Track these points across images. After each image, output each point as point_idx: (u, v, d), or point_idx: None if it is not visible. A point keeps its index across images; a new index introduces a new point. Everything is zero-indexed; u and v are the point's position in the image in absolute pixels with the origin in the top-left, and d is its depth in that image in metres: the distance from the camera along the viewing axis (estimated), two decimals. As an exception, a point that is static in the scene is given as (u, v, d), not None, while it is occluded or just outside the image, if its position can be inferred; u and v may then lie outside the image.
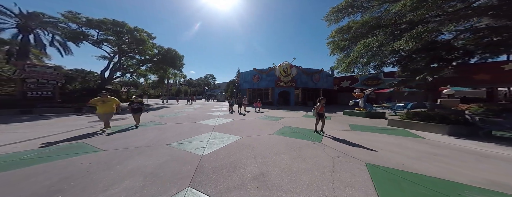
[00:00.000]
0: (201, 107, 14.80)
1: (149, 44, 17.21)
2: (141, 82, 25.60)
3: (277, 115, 9.10)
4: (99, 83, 15.16)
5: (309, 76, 16.91)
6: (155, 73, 21.53)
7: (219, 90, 51.53)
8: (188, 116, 8.51)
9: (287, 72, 15.71)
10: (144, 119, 7.13)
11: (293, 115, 9.20)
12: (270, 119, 7.29)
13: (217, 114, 9.55)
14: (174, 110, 12.15)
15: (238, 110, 10.77)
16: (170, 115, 8.64)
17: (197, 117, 7.95)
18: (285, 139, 3.95)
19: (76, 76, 16.76)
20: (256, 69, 18.32)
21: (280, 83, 16.30)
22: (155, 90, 47.52)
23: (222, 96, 32.11)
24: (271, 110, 11.99)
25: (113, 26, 14.59)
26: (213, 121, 6.78)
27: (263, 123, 6.43)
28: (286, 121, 6.78)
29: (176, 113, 9.66)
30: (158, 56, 17.70)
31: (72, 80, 14.76)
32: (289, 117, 8.00)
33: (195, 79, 71.91)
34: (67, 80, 13.96)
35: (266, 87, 17.67)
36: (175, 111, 10.93)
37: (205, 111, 11.02)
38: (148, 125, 5.79)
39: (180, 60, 20.91)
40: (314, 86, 17.43)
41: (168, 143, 3.55)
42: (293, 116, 8.47)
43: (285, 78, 15.98)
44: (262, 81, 17.76)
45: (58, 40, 13.69)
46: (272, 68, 16.83)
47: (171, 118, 7.73)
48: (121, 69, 17.76)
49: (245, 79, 20.42)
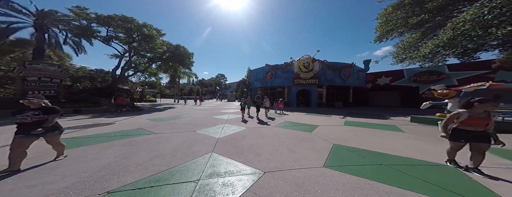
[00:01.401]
0: (209, 108, 13.47)
1: (159, 41, 16.56)
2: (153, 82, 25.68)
3: (304, 120, 7.03)
4: (111, 83, 14.94)
5: (337, 72, 14.04)
6: (165, 72, 21.13)
7: (229, 90, 50.86)
8: (189, 120, 7.03)
9: (309, 68, 13.35)
10: (131, 124, 5.80)
11: (327, 121, 6.94)
12: (298, 128, 5.30)
13: (225, 117, 7.92)
14: (180, 111, 10.95)
15: (256, 116, 7.81)
16: (169, 119, 7.28)
17: (199, 123, 6.39)
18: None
19: (96, 76, 17.08)
20: (269, 66, 16.35)
21: (299, 81, 14.02)
22: (170, 90, 48.99)
23: (233, 96, 30.93)
24: (291, 113, 9.92)
25: (122, 22, 14.13)
26: (218, 130, 5.09)
27: (290, 135, 4.38)
28: (327, 133, 4.65)
29: (177, 116, 8.32)
30: (166, 53, 16.99)
31: (92, 80, 14.88)
32: (325, 125, 5.87)
33: (207, 79, 72.93)
34: (90, 80, 14.08)
35: (281, 86, 15.56)
36: (179, 113, 9.66)
37: (212, 113, 9.52)
38: (121, 136, 4.21)
39: (189, 58, 20.05)
40: (342, 84, 14.37)
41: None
42: (329, 123, 6.27)
43: (306, 74, 13.62)
44: (276, 79, 15.70)
45: (72, 38, 13.68)
46: (288, 64, 14.64)
47: (167, 123, 6.29)
48: (132, 68, 17.53)
49: (256, 77, 18.62)
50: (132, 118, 7.52)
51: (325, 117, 8.26)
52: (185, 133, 4.60)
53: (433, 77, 11.14)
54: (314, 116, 8.66)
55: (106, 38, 13.69)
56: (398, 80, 14.33)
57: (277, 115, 9.09)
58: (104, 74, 18.73)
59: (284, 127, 5.50)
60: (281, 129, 5.24)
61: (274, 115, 9.11)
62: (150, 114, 9.11)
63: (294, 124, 6.19)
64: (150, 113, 9.31)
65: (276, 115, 9.12)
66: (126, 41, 15.55)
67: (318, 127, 5.51)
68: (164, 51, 16.91)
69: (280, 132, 4.80)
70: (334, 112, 10.89)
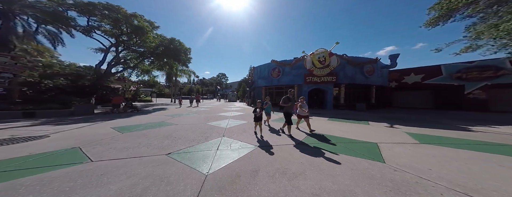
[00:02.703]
0: (206, 110, 11.43)
1: (151, 35, 14.59)
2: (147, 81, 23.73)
3: (337, 131, 4.88)
4: (95, 80, 13.01)
5: (358, 67, 11.70)
6: (159, 69, 19.20)
7: (230, 89, 48.90)
8: (172, 130, 4.98)
9: (324, 63, 11.21)
10: (72, 138, 3.63)
11: (374, 132, 4.73)
12: (354, 153, 3.20)
13: (224, 124, 5.85)
14: (168, 114, 8.92)
15: (288, 133, 4.32)
16: (144, 127, 5.22)
17: (184, 135, 4.31)
18: None
19: (85, 73, 15.20)
20: (276, 61, 14.27)
21: (311, 79, 11.90)
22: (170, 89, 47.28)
23: (234, 96, 28.93)
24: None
25: (108, 11, 12.21)
26: (209, 153, 3.00)
27: (362, 177, 2.35)
28: (425, 167, 2.61)
29: (160, 123, 6.28)
30: (160, 48, 15.01)
31: (80, 78, 12.99)
32: (386, 143, 3.70)
33: (208, 79, 71.18)
34: (76, 77, 12.20)
35: (290, 85, 13.45)
36: (165, 117, 7.62)
37: (208, 118, 7.46)
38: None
39: (186, 54, 18.08)
40: (364, 82, 11.99)
41: None
42: (385, 139, 4.00)
43: (321, 71, 11.47)
44: (284, 77, 13.61)
45: (47, 28, 11.76)
46: (299, 59, 12.51)
47: (135, 136, 4.21)
48: (120, 64, 15.59)
49: (260, 74, 16.54)
50: (91, 126, 5.47)
51: (360, 124, 6.11)
52: (147, 162, 2.53)
53: (487, 73, 8.95)
54: (342, 123, 6.51)
55: (87, 28, 11.75)
56: (433, 78, 11.97)
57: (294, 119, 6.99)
58: (94, 72, 16.83)
59: (330, 150, 3.37)
60: (323, 157, 3.13)
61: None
62: (128, 118, 7.09)
63: (334, 139, 4.08)
64: (128, 117, 7.30)
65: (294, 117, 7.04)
66: (113, 34, 13.61)
67: (381, 147, 3.38)
68: (156, 45, 14.92)
69: (330, 169, 2.69)
70: (361, 116, 8.75)
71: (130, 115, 8.07)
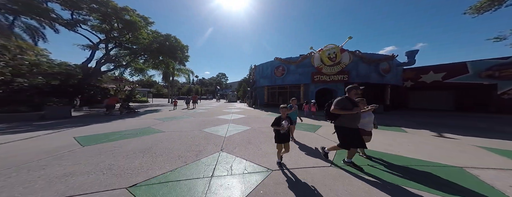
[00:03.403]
0: (203, 112, 10.30)
1: (144, 31, 13.47)
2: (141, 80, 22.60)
3: (379, 145, 3.84)
4: (81, 79, 11.85)
5: (373, 65, 10.52)
6: (155, 68, 18.07)
7: (230, 89, 47.81)
8: (155, 141, 3.87)
9: (335, 60, 10.10)
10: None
11: (431, 147, 3.74)
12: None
13: (222, 132, 4.71)
14: (160, 117, 7.79)
15: (347, 159, 2.48)
16: (123, 136, 4.09)
17: (166, 152, 3.19)
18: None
19: (76, 73, 14.01)
20: (280, 59, 13.17)
21: (320, 77, 10.79)
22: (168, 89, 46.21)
23: (234, 96, 27.80)
24: (318, 122, 6.70)
25: (96, 4, 11.09)
26: (200, 190, 1.89)
27: None
28: None
29: (145, 129, 5.16)
30: (154, 44, 13.87)
31: (70, 77, 11.82)
32: (493, 168, 2.66)
33: (208, 79, 70.11)
34: (66, 77, 11.04)
35: (296, 84, 12.33)
36: (155, 122, 6.48)
37: (204, 122, 6.32)
38: None
39: (183, 52, 16.96)
40: (379, 81, 10.77)
41: None
42: (470, 162, 3.10)
43: (330, 69, 10.39)
44: (289, 76, 12.50)
45: (25, 22, 10.63)
46: (306, 56, 11.40)
47: (101, 149, 3.07)
48: (111, 62, 14.44)
49: (262, 73, 15.44)
50: (51, 134, 4.34)
51: (395, 132, 4.98)
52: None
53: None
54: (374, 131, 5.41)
55: (70, 22, 10.59)
56: (457, 76, 10.76)
57: (308, 125, 5.88)
58: (81, 70, 15.57)
59: (412, 187, 2.25)
60: None
61: (305, 125, 5.92)
62: (108, 123, 5.95)
63: (389, 160, 2.97)
64: (108, 122, 6.16)
65: (307, 124, 5.92)
66: (102, 29, 12.48)
67: (482, 177, 2.24)
68: (150, 41, 13.78)
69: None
70: (383, 119, 7.63)
71: (116, 118, 6.94)
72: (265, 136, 4.26)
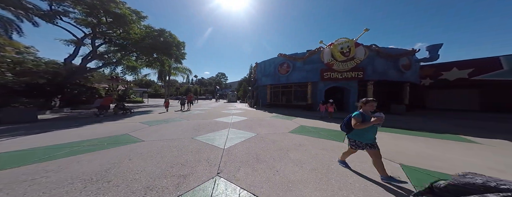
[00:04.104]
0: (200, 114, 9.15)
1: (135, 25, 12.31)
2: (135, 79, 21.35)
3: (468, 167, 2.72)
4: (65, 77, 10.64)
5: (391, 61, 9.35)
6: (149, 65, 16.89)
7: (230, 89, 46.71)
8: (106, 166, 2.72)
9: (348, 55, 8.95)
10: None
11: None
12: None
13: (220, 141, 3.55)
14: (149, 120, 6.64)
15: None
16: (82, 149, 2.96)
17: (110, 192, 2.05)
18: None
19: (65, 72, 12.76)
20: (284, 55, 12.06)
21: (330, 75, 9.62)
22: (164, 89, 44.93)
23: (234, 96, 26.66)
24: (334, 125, 5.57)
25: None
26: None
27: None
28: None
29: (108, 140, 4.02)
30: (146, 39, 12.69)
31: (57, 76, 10.59)
32: None
33: (207, 78, 68.97)
34: (53, 76, 9.84)
35: (302, 82, 11.21)
36: (133, 126, 5.34)
37: (199, 127, 5.17)
38: None
39: (179, 49, 15.79)
40: (398, 78, 9.63)
41: None
42: None
43: (343, 65, 9.19)
44: (294, 73, 11.38)
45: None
46: (314, 51, 10.26)
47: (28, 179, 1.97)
48: (99, 58, 13.24)
49: (264, 71, 14.32)
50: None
51: (451, 142, 3.88)
52: None
53: None
54: (412, 136, 4.27)
55: (48, 14, 9.39)
56: (488, 72, 9.62)
57: (331, 132, 4.78)
58: (72, 68, 14.31)
59: None
60: None
61: (327, 131, 4.83)
62: (79, 128, 4.79)
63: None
64: (81, 126, 4.99)
65: (328, 130, 4.80)
66: (88, 23, 11.30)
67: None
68: (142, 36, 12.62)
69: None
70: (412, 122, 6.55)
71: (94, 121, 5.78)
72: (277, 148, 3.13)
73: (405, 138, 3.99)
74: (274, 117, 7.45)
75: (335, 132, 4.57)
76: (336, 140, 3.76)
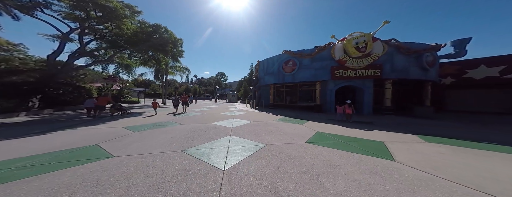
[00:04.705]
0: (197, 116, 8.16)
1: (126, 20, 11.34)
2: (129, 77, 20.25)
3: None
4: (48, 75, 9.62)
5: (413, 57, 8.28)
6: (143, 63, 15.88)
7: (230, 89, 45.75)
8: None
9: (365, 51, 7.91)
10: None
11: None
12: None
13: (218, 157, 2.52)
14: (131, 125, 5.65)
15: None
16: (30, 172, 1.98)
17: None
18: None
19: (57, 71, 11.70)
20: (290, 52, 11.09)
21: (343, 73, 8.60)
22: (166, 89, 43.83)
23: (234, 97, 25.69)
24: (361, 131, 4.60)
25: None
26: None
27: None
28: None
29: (64, 157, 3.02)
30: (139, 34, 11.71)
31: (46, 74, 9.57)
32: None
33: (207, 78, 68.05)
34: (41, 74, 8.87)
35: (310, 81, 10.22)
36: (114, 133, 4.35)
37: (192, 134, 4.17)
38: None
39: (175, 46, 14.81)
40: (421, 77, 8.55)
41: None
42: None
43: (357, 62, 8.18)
44: (301, 71, 10.41)
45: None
46: (324, 47, 9.25)
47: None
48: (87, 55, 12.23)
49: (267, 70, 13.36)
50: None
51: None
52: None
53: None
54: (477, 150, 3.25)
55: (26, 5, 8.39)
56: None
57: (358, 138, 3.82)
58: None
59: None
60: None
61: (358, 142, 3.86)
62: (37, 136, 3.80)
63: None
64: (44, 134, 4.01)
65: (353, 134, 3.84)
66: (75, 17, 10.31)
67: None
68: (134, 32, 11.64)
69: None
70: (455, 129, 5.58)
71: (66, 127, 4.80)
72: (301, 170, 2.15)
73: (479, 154, 2.89)
74: (281, 120, 6.48)
75: (368, 141, 3.59)
76: (377, 155, 2.77)
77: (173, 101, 9.98)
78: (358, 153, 2.83)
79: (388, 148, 3.13)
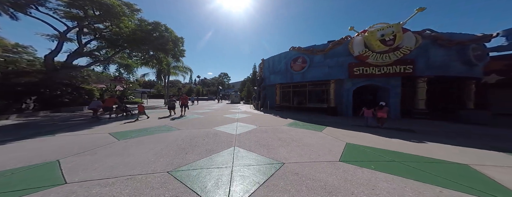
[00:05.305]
0: (196, 119, 7.36)
1: (125, 18, 10.83)
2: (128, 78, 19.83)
3: None
4: (45, 75, 9.20)
5: (457, 50, 6.93)
6: (144, 63, 15.42)
7: (233, 89, 45.13)
8: None
9: (392, 44, 6.67)
10: None
11: None
12: None
13: (219, 187, 1.70)
14: (118, 131, 4.91)
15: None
16: None
17: None
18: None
19: (55, 72, 11.39)
20: (299, 49, 10.13)
21: (364, 70, 7.39)
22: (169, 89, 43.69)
23: (237, 97, 24.93)
24: (417, 144, 3.59)
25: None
26: None
27: None
28: None
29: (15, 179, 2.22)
30: (137, 33, 11.15)
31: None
32: None
33: (210, 79, 68.03)
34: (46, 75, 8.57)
35: (323, 80, 9.12)
36: (97, 141, 3.58)
37: (186, 145, 3.34)
38: None
39: (176, 45, 14.24)
40: (464, 73, 7.21)
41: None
42: None
43: (382, 57, 6.98)
44: (312, 70, 9.37)
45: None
46: (339, 42, 8.10)
47: None
48: (85, 55, 11.81)
49: (273, 68, 12.44)
50: None
51: None
52: None
53: None
54: None
55: (19, 3, 7.95)
56: None
57: (410, 155, 2.85)
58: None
59: None
60: None
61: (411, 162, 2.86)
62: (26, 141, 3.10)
63: None
64: (9, 142, 3.31)
65: (397, 148, 2.88)
66: (73, 16, 9.89)
67: None
68: (133, 30, 11.10)
69: None
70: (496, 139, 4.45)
71: (43, 133, 4.13)
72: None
73: None
74: (293, 125, 5.56)
75: (442, 164, 2.55)
76: (482, 192, 1.79)
77: (167, 102, 8.69)
78: (445, 187, 1.78)
79: (490, 178, 2.03)
